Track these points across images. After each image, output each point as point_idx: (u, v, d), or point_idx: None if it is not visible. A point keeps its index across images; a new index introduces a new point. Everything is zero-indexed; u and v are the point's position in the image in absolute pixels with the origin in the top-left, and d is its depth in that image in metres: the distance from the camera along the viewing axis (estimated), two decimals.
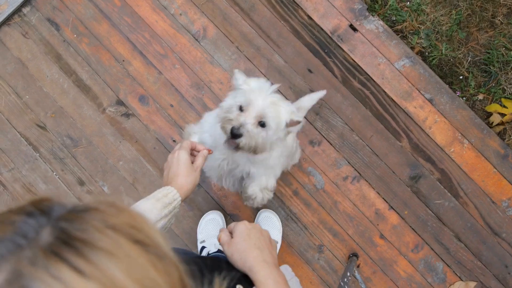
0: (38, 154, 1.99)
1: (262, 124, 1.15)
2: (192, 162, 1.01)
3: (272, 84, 1.20)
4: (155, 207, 0.88)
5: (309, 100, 1.53)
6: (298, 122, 1.20)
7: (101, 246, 0.38)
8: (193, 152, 1.05)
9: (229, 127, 1.14)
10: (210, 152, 1.05)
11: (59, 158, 1.99)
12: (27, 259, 0.36)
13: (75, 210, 0.41)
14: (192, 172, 0.97)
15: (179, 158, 0.98)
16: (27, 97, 2.02)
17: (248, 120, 1.13)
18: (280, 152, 1.36)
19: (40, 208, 0.41)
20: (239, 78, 1.23)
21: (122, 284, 0.37)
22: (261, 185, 1.41)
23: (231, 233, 0.84)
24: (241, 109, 1.15)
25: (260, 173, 1.38)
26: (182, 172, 0.96)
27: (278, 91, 1.33)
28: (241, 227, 0.82)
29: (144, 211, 0.86)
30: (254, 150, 1.18)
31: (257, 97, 1.13)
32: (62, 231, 0.38)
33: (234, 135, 1.13)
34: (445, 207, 1.99)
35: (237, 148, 1.17)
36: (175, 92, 2.03)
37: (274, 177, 1.46)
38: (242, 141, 1.14)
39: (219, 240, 0.83)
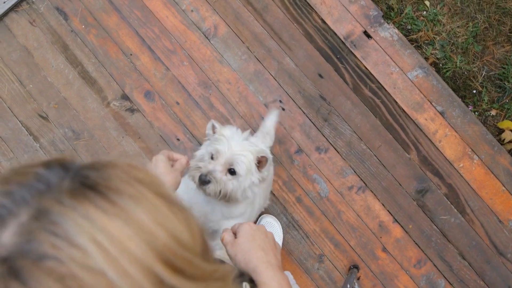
0: (38, 145, 1.95)
1: (232, 172, 1.17)
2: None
3: (243, 131, 1.24)
4: None
5: (270, 121, 1.61)
6: (266, 159, 1.20)
7: (126, 192, 0.39)
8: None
9: (197, 175, 1.17)
10: (188, 163, 1.01)
11: (59, 150, 1.95)
12: (53, 199, 0.36)
13: (98, 163, 0.42)
14: (172, 171, 0.94)
15: (157, 159, 0.94)
16: (31, 86, 1.98)
17: (217, 168, 1.16)
18: (256, 203, 1.36)
19: (61, 163, 0.41)
20: (213, 127, 1.25)
21: (147, 226, 0.38)
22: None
23: (234, 233, 0.82)
24: (212, 157, 1.19)
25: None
26: (160, 170, 0.92)
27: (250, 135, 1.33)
28: (246, 227, 0.80)
29: None
30: (224, 197, 1.20)
31: (227, 146, 1.16)
32: (86, 177, 0.39)
33: (202, 181, 1.16)
34: (451, 223, 1.94)
35: (206, 194, 1.19)
36: (182, 89, 1.99)
37: None
38: (209, 187, 1.16)
39: (222, 240, 0.81)
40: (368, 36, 2.03)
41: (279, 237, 1.88)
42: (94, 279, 0.34)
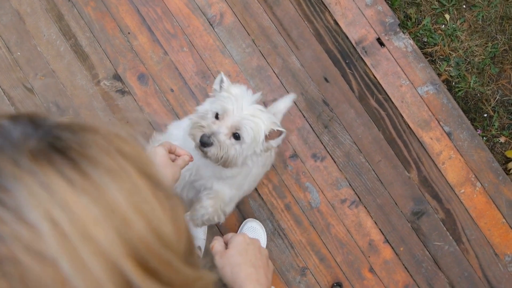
0: None
1: (236, 137, 1.06)
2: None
3: (254, 93, 1.11)
4: None
5: (284, 103, 1.49)
6: (280, 133, 1.10)
7: (103, 164, 0.31)
8: (171, 156, 0.89)
9: (199, 134, 1.06)
10: (191, 159, 0.88)
11: None
12: (9, 158, 0.28)
13: (77, 124, 0.33)
14: (171, 164, 0.84)
15: (156, 150, 0.84)
16: (19, 53, 1.86)
17: (221, 130, 1.05)
18: (253, 172, 1.26)
19: (32, 118, 0.32)
20: (223, 82, 1.12)
21: (121, 209, 0.30)
22: (217, 205, 1.24)
23: (226, 243, 0.76)
24: (217, 116, 1.07)
25: (223, 191, 1.25)
26: (158, 161, 0.82)
27: (263, 102, 1.20)
28: (239, 239, 0.74)
29: None
30: (224, 163, 1.09)
31: (235, 106, 1.04)
32: (58, 138, 0.31)
33: (204, 143, 1.04)
34: (444, 250, 1.84)
35: (205, 156, 1.08)
36: (178, 76, 1.87)
37: (236, 200, 1.31)
38: (211, 150, 1.05)
39: (211, 249, 0.76)
40: (381, 43, 1.92)
41: (262, 244, 1.77)
42: (41, 268, 0.26)
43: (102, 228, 0.28)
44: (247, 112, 1.05)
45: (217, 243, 0.76)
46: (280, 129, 1.10)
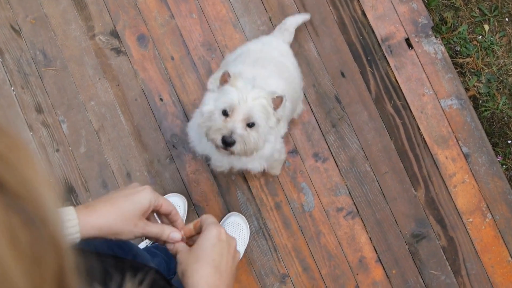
0: (1, 60, 1.66)
1: (249, 125, 1.12)
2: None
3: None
4: None
5: (294, 19, 1.58)
6: (281, 99, 1.13)
7: None
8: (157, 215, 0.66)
9: (219, 137, 1.10)
10: (182, 240, 0.62)
11: (23, 73, 1.66)
12: None
13: None
14: (129, 218, 0.57)
15: (138, 190, 0.59)
16: None
17: (237, 125, 1.09)
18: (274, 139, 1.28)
19: None
20: (222, 78, 1.13)
21: None
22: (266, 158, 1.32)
23: (199, 228, 0.62)
24: (225, 113, 1.11)
25: (259, 164, 1.34)
26: (117, 202, 0.57)
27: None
28: (213, 232, 0.59)
29: None
30: (251, 153, 1.15)
31: (241, 99, 1.08)
32: None
33: (228, 143, 1.09)
34: (440, 281, 1.67)
35: (231, 154, 1.14)
36: (181, 44, 1.69)
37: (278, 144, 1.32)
38: (237, 147, 1.10)
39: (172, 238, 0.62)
40: (410, 45, 1.74)
41: (243, 243, 1.60)
42: None
43: None
44: (251, 98, 1.09)
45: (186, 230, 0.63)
46: (278, 94, 1.13)
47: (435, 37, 1.74)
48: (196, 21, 1.70)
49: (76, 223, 0.52)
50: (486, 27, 1.77)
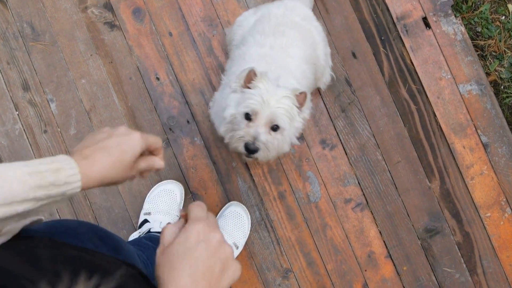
0: None
1: (274, 128, 1.08)
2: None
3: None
4: (23, 181, 0.49)
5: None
6: (304, 95, 1.07)
7: None
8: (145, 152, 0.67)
9: (241, 145, 1.07)
10: (162, 168, 0.68)
11: (9, 47, 1.54)
12: None
13: None
14: (126, 166, 0.60)
15: (129, 137, 0.61)
16: None
17: (260, 130, 1.06)
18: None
19: None
20: (248, 77, 1.07)
21: None
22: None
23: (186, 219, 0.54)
24: (247, 117, 1.07)
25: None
26: (113, 151, 0.59)
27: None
28: (190, 232, 0.50)
29: None
30: (276, 156, 1.13)
31: (264, 102, 1.04)
32: None
33: (251, 151, 1.07)
34: (454, 279, 1.56)
35: (256, 161, 1.12)
36: (180, 19, 1.56)
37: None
38: (260, 155, 1.08)
39: (161, 234, 0.54)
40: (427, 25, 1.61)
41: (243, 235, 1.48)
42: None
43: None
44: (274, 101, 1.04)
45: (169, 230, 0.52)
46: (301, 90, 1.07)
47: (455, 16, 1.61)
48: None
49: (78, 177, 0.54)
50: (510, 6, 1.64)
